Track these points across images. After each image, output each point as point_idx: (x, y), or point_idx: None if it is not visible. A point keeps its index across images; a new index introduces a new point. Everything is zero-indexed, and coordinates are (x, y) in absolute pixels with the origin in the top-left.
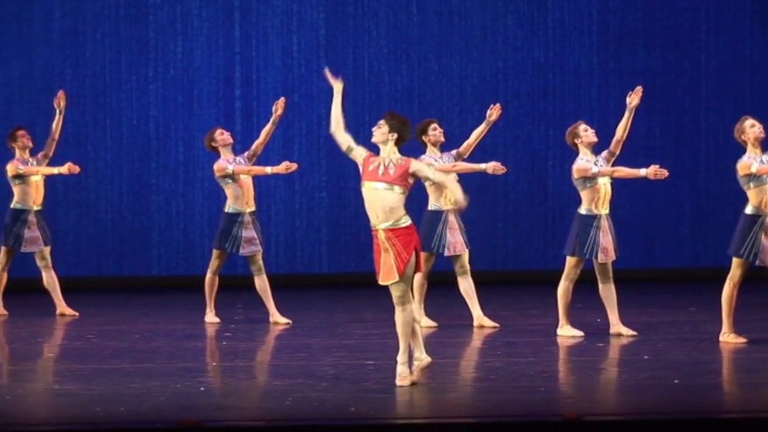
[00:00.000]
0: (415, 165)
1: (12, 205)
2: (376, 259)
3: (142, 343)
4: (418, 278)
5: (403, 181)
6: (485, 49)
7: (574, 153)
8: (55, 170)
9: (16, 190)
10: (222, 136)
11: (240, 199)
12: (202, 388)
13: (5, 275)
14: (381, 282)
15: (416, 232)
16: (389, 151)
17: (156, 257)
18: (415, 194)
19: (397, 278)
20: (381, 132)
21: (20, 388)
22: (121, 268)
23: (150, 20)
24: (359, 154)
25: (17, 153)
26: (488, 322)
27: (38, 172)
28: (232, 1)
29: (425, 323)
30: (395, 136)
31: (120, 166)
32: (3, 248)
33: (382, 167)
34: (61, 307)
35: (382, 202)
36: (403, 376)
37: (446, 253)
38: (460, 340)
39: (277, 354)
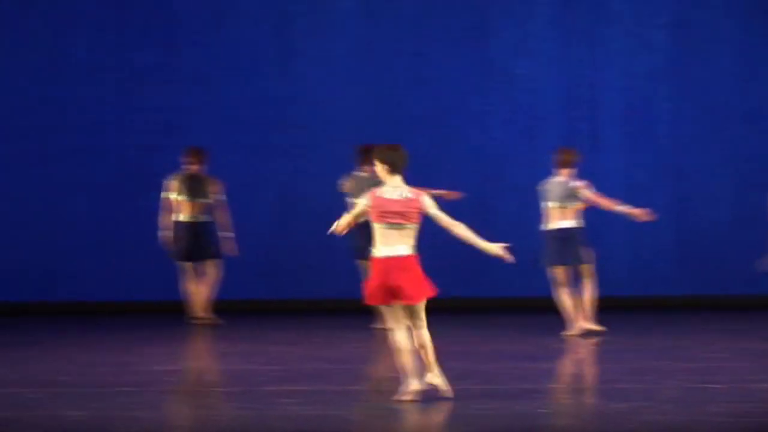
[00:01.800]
0: None
1: None
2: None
3: (487, 364)
4: None
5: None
6: None
7: None
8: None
9: None
10: None
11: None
12: (543, 410)
13: None
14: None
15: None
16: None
17: (496, 278)
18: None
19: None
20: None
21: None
22: (469, 288)
23: (492, 41)
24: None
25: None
26: None
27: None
28: (576, 24)
29: None
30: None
31: (460, 188)
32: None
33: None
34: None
35: None
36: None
37: None
38: None
39: (620, 376)
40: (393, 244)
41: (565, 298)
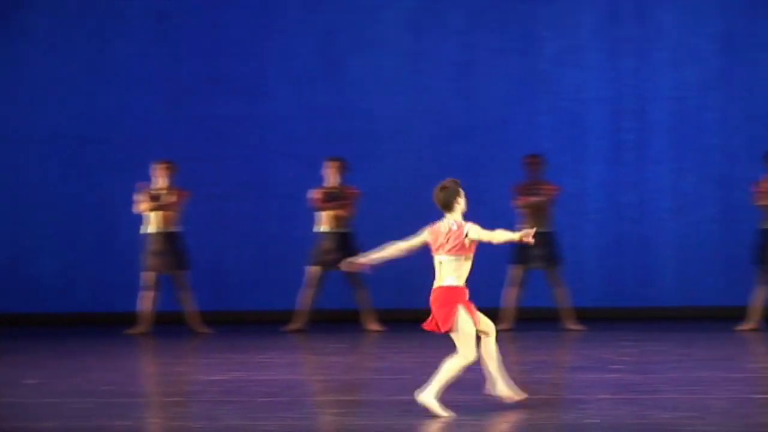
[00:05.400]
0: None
1: None
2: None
3: (535, 374)
4: None
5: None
6: None
7: None
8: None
9: None
10: None
11: None
12: (589, 420)
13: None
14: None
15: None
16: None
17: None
18: None
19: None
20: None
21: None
22: None
23: (540, 53)
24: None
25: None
26: None
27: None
28: (623, 34)
29: None
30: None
31: (506, 198)
32: None
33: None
34: None
35: None
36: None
37: None
38: None
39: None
40: (438, 275)
41: None
